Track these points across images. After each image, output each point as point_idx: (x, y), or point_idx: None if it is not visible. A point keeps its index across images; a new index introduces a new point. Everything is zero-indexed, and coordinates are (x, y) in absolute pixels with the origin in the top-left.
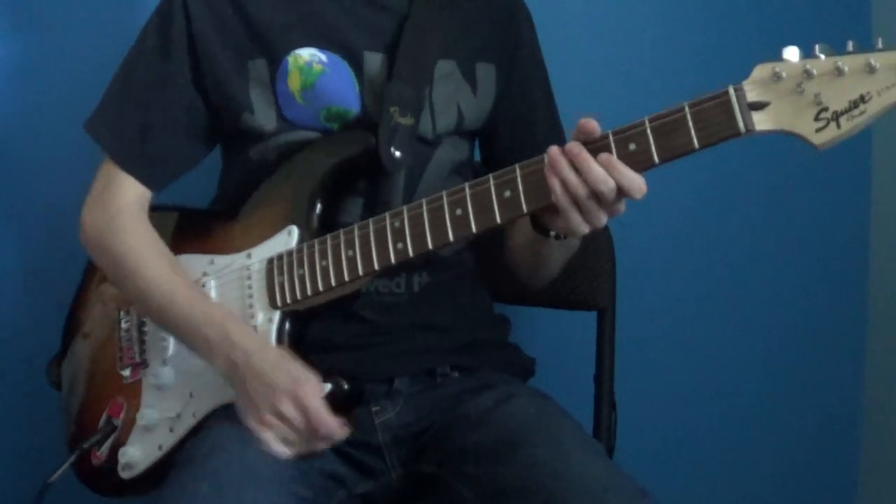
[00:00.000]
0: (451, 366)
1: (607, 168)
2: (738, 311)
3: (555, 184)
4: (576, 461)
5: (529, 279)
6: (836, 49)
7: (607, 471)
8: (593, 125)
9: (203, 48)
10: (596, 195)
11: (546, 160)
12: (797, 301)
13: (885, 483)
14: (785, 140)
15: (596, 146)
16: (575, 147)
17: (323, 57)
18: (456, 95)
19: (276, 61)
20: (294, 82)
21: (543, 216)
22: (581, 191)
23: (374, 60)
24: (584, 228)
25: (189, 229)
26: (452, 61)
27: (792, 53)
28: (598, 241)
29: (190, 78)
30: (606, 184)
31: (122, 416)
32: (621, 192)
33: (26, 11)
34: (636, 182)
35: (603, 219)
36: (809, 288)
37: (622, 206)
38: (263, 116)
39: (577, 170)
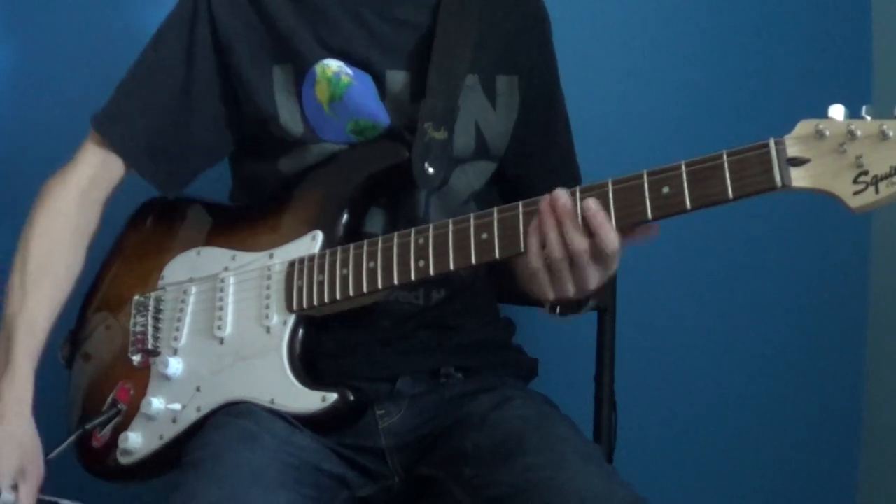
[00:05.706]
0: (455, 367)
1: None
2: (739, 311)
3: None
4: (569, 468)
5: None
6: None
7: (601, 478)
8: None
9: (229, 54)
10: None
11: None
12: (797, 301)
13: (885, 483)
14: None
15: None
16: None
17: (349, 70)
18: (475, 112)
19: (303, 68)
20: (322, 92)
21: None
22: (557, 253)
23: (397, 79)
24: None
25: (215, 222)
26: (475, 75)
27: (837, 112)
28: None
29: (217, 83)
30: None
31: (128, 401)
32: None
33: (27, 11)
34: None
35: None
36: (810, 288)
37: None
38: (290, 121)
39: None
